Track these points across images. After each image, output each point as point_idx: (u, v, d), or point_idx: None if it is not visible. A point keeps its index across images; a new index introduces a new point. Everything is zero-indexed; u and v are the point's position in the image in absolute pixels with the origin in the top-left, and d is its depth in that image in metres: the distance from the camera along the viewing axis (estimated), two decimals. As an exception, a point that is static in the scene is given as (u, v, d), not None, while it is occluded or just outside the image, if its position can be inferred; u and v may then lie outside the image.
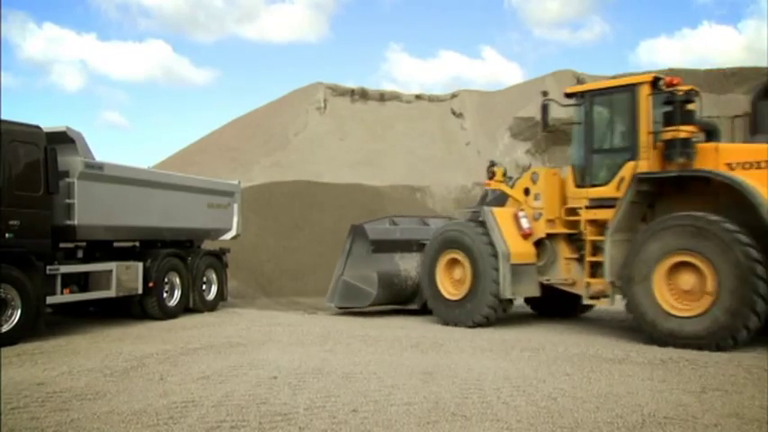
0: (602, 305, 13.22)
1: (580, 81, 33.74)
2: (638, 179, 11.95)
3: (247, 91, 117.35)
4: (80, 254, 13.39)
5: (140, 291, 14.31)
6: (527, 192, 14.12)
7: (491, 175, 15.03)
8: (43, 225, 11.92)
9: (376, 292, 15.35)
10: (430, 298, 14.62)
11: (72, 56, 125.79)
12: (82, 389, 7.92)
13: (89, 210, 12.81)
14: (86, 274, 13.24)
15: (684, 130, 11.82)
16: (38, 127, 12.04)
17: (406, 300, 15.97)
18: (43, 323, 12.10)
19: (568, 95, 13.52)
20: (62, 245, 13.00)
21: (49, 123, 12.46)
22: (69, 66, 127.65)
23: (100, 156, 13.44)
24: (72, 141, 12.70)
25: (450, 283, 14.30)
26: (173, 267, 15.29)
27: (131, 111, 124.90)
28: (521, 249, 13.63)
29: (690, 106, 12.28)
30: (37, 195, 11.76)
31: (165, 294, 15.03)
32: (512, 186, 14.62)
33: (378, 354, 10.19)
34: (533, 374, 8.60)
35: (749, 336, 10.40)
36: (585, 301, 13.17)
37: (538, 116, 33.51)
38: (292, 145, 40.38)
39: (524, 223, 13.81)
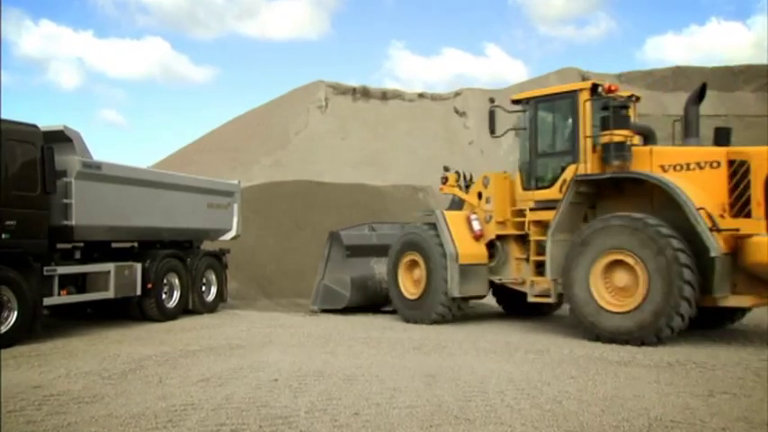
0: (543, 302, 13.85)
1: (585, 79, 33.66)
2: (576, 181, 12.81)
3: (247, 89, 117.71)
4: (77, 255, 13.38)
5: (139, 292, 14.35)
6: (480, 195, 15.01)
7: (444, 181, 15.95)
8: (40, 225, 11.92)
9: (349, 295, 16.43)
10: (394, 297, 15.51)
11: (69, 53, 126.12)
12: (79, 392, 7.92)
13: (87, 210, 12.82)
14: (84, 275, 13.24)
15: (619, 134, 12.57)
16: (35, 126, 12.04)
17: (383, 302, 16.70)
18: (40, 325, 12.07)
19: (515, 102, 14.35)
20: (59, 245, 12.99)
21: (45, 122, 12.50)
22: (66, 63, 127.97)
23: (98, 155, 13.53)
24: (69, 140, 12.71)
25: (410, 283, 15.26)
26: (172, 268, 15.29)
27: (129, 109, 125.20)
28: (470, 250, 14.51)
29: (629, 111, 13.21)
30: (34, 195, 11.77)
31: (163, 296, 15.02)
32: (467, 190, 15.61)
33: (380, 356, 10.20)
34: (538, 377, 8.60)
35: (674, 334, 11.16)
36: (530, 299, 13.87)
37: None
38: (293, 144, 40.40)
39: (476, 225, 14.71)
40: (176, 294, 15.43)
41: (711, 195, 11.51)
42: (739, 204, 11.32)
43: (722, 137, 12.67)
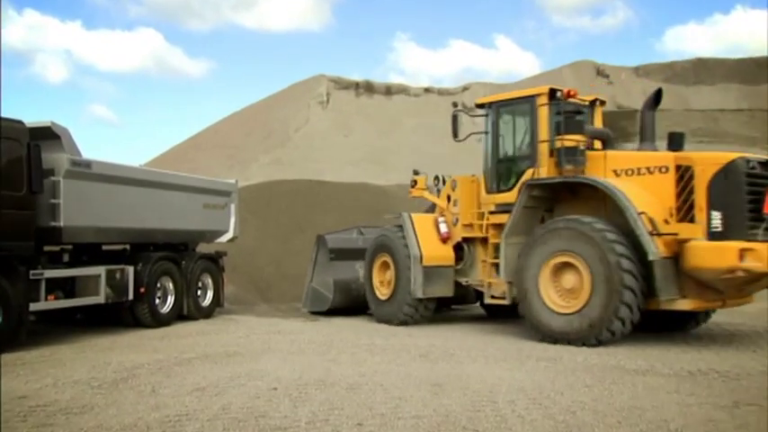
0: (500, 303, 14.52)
1: (600, 72, 33.65)
2: (528, 185, 13.84)
3: (245, 83, 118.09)
4: (66, 258, 13.40)
5: (131, 297, 14.29)
6: (449, 198, 16.04)
7: (413, 184, 17.35)
8: (26, 227, 11.87)
9: (332, 297, 17.60)
10: (369, 298, 16.71)
11: (56, 45, 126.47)
12: (67, 402, 7.92)
13: (76, 210, 12.78)
14: (73, 279, 13.17)
15: (570, 140, 13.46)
16: (20, 122, 12.01)
17: (367, 305, 17.12)
18: (25, 332, 12.05)
19: (478, 106, 15.45)
20: (46, 248, 12.98)
21: (32, 118, 12.59)
22: (53, 56, 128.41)
23: (87, 153, 13.48)
24: (57, 137, 12.68)
25: (382, 284, 16.41)
26: (165, 272, 15.32)
27: (120, 104, 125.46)
28: (436, 252, 15.53)
29: (595, 115, 14.71)
30: (19, 195, 11.71)
31: (157, 300, 15.04)
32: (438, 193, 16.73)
33: (384, 364, 10.23)
34: (550, 386, 8.58)
35: (615, 338, 11.95)
36: (487, 301, 14.91)
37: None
38: (293, 141, 40.43)
39: (442, 228, 15.74)
40: (170, 299, 15.44)
41: (660, 200, 12.35)
42: (685, 209, 12.12)
43: (675, 141, 13.60)
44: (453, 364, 10.26)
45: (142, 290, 14.47)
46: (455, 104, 16.05)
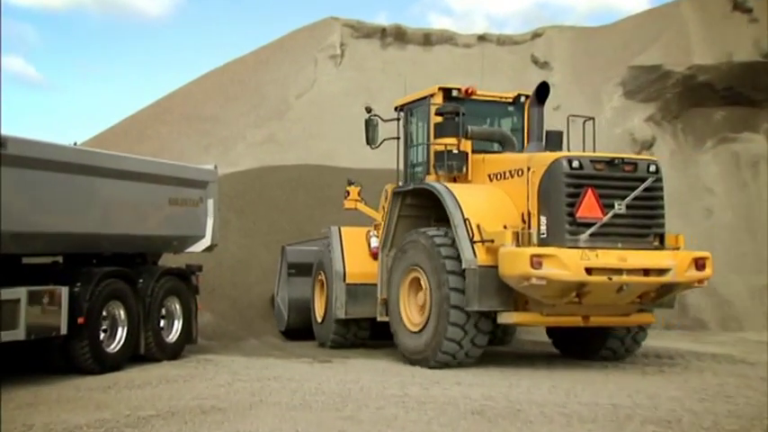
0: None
1: (739, 5, 33.16)
2: (394, 193, 17.66)
3: (227, 30, 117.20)
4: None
5: (64, 330, 14.10)
6: (384, 209, 18.89)
7: (346, 195, 20.68)
8: None
9: (287, 316, 21.34)
10: (312, 320, 20.49)
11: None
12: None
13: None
14: (-22, 306, 13.36)
15: (441, 143, 17.03)
16: None
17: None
18: None
19: (396, 109, 18.79)
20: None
21: None
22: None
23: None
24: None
25: (320, 304, 20.09)
26: (114, 294, 15.21)
27: (46, 56, 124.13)
28: (362, 269, 18.59)
29: (529, 114, 17.64)
30: None
31: (102, 335, 14.95)
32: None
33: (423, 424, 10.18)
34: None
35: (455, 360, 15.17)
36: (379, 319, 17.84)
37: (666, 63, 32.97)
38: (294, 112, 40.30)
39: (373, 242, 18.70)
40: (121, 333, 15.38)
41: (518, 206, 15.46)
42: (527, 214, 15.26)
43: (552, 141, 16.83)
44: (520, 425, 10.18)
45: (80, 320, 14.30)
46: (368, 110, 18.62)
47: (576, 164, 14.74)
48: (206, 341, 18.78)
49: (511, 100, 18.39)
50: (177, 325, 16.87)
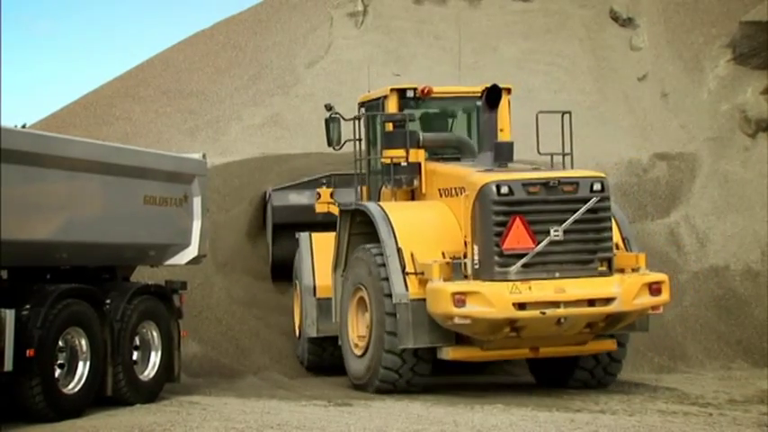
0: None
1: None
2: (341, 211, 19.19)
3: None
4: None
5: (9, 366, 13.68)
6: None
7: (317, 197, 22.22)
8: None
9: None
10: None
11: None
12: None
13: None
14: None
15: (388, 156, 18.86)
16: None
17: None
18: None
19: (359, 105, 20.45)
20: None
21: None
22: None
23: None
24: None
25: (297, 317, 21.79)
26: (74, 319, 14.99)
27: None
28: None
29: (482, 117, 19.19)
30: None
31: (57, 372, 14.66)
32: None
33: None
34: None
35: (396, 389, 17.24)
36: (340, 342, 19.01)
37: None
38: (303, 85, 39.99)
39: None
40: (82, 369, 15.20)
41: (461, 227, 16.88)
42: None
43: (503, 153, 17.95)
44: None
45: (30, 352, 13.96)
46: (328, 107, 20.78)
47: (504, 189, 15.94)
48: (191, 378, 18.70)
49: (479, 94, 19.02)
50: (154, 358, 16.84)
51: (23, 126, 15.92)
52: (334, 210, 20.98)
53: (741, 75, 33.05)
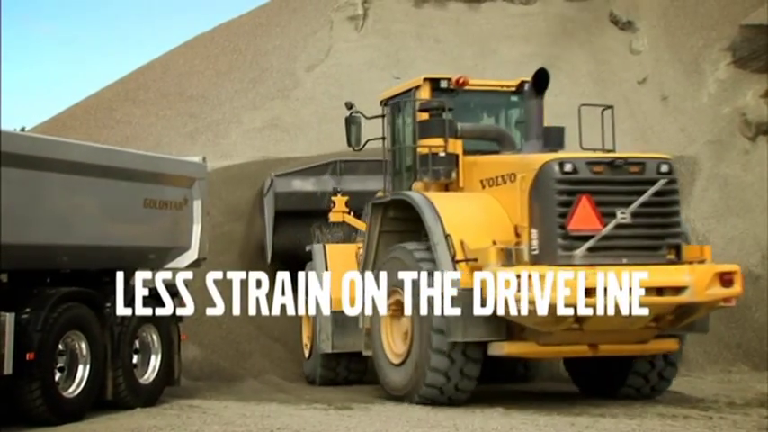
0: None
1: None
2: (372, 205, 18.24)
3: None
4: None
5: (9, 369, 13.61)
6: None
7: (331, 206, 21.41)
8: None
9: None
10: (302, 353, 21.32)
11: None
12: None
13: None
14: None
15: (425, 145, 17.84)
16: None
17: None
18: None
19: (381, 104, 19.65)
20: None
21: None
22: None
23: None
24: None
25: (306, 332, 21.28)
26: (74, 323, 14.93)
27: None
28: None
29: (520, 107, 18.77)
30: None
31: (58, 375, 14.59)
32: None
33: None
34: None
35: (444, 396, 16.11)
36: (365, 352, 18.61)
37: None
38: (303, 88, 39.97)
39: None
40: (82, 372, 15.12)
41: (511, 216, 16.08)
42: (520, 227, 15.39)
43: (553, 139, 17.51)
44: None
45: (30, 356, 13.89)
46: (349, 105, 19.91)
47: (568, 167, 15.17)
48: (191, 382, 18.72)
49: (514, 88, 18.72)
50: (154, 361, 16.80)
51: (22, 129, 15.81)
52: (351, 219, 21.01)
53: (741, 78, 33.05)
